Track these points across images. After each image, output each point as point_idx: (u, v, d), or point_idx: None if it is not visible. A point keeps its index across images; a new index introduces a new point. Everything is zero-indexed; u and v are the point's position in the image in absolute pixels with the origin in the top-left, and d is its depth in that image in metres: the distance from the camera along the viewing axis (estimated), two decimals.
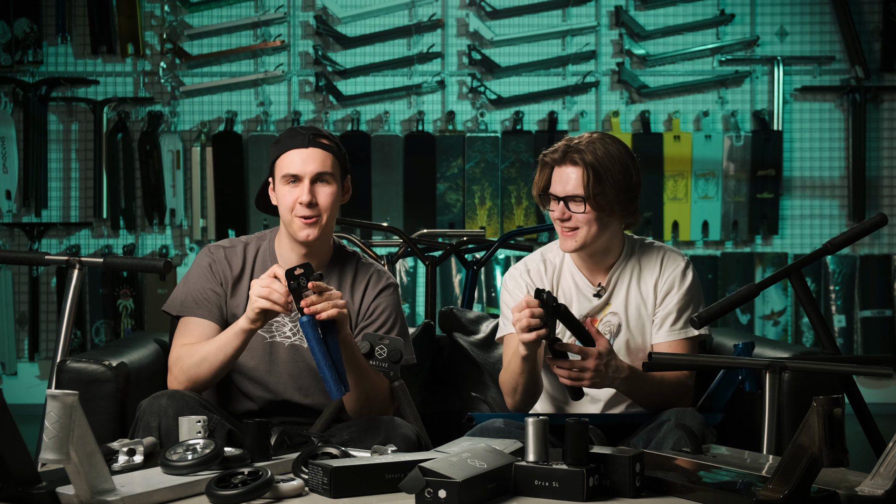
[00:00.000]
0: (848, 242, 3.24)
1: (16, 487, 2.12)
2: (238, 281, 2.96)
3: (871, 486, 2.10)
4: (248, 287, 2.88)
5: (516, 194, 6.68)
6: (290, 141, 2.89)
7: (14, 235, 6.79)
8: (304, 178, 2.86)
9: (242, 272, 2.97)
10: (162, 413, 2.67)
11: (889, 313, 6.72)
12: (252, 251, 3.00)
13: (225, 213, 6.67)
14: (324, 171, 2.87)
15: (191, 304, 2.93)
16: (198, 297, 2.93)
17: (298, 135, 2.89)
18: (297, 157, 2.87)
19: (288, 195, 2.87)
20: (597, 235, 2.92)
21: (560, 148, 2.92)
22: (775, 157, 6.73)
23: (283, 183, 2.88)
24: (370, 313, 2.98)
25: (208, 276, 2.95)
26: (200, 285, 2.94)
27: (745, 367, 2.93)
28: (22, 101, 6.72)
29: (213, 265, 2.96)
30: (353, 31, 6.82)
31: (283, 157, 2.89)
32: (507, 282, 3.07)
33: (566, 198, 2.90)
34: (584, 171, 2.87)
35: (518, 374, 2.87)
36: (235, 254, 2.99)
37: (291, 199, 2.86)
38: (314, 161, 2.87)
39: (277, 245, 2.99)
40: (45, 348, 6.73)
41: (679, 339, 2.97)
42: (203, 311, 2.92)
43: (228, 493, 2.19)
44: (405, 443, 2.70)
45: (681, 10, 6.83)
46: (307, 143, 2.87)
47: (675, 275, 3.00)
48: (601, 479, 2.22)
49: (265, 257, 2.99)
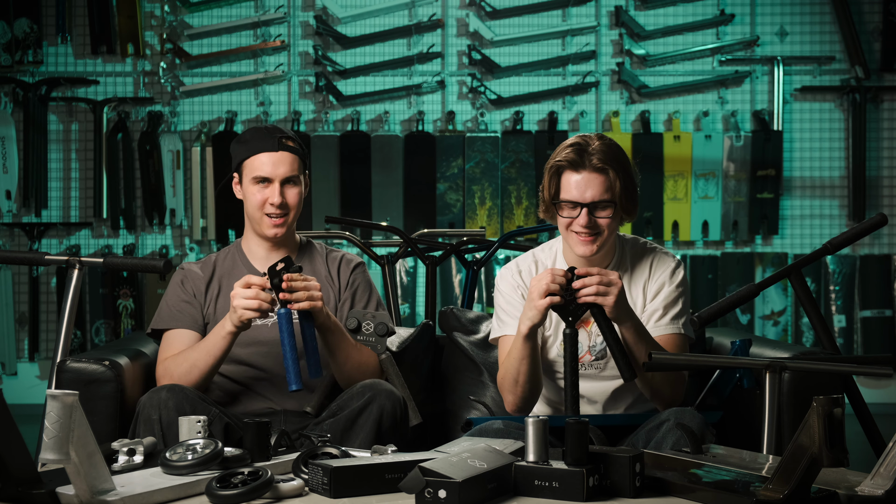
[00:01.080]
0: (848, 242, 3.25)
1: (16, 487, 2.12)
2: (208, 285, 3.12)
3: (871, 486, 2.10)
4: (219, 288, 3.10)
5: (516, 194, 6.68)
6: (259, 143, 3.06)
7: (14, 235, 6.79)
8: (275, 180, 3.05)
9: (212, 277, 3.14)
10: (162, 406, 2.73)
11: (889, 313, 6.73)
12: (222, 257, 3.18)
13: (225, 213, 6.67)
14: (292, 173, 3.06)
15: (167, 318, 3.08)
16: (174, 311, 3.08)
17: (266, 137, 3.06)
18: (268, 161, 3.04)
19: (258, 195, 3.05)
20: (611, 236, 2.92)
21: (571, 152, 2.87)
22: (775, 157, 6.73)
23: (253, 183, 3.06)
24: (349, 286, 3.15)
25: (180, 291, 3.12)
26: (175, 300, 3.10)
27: (745, 367, 2.93)
28: (22, 101, 6.72)
29: (185, 281, 3.13)
30: (353, 31, 6.82)
31: (254, 159, 3.06)
32: (499, 282, 3.06)
33: (592, 204, 2.86)
34: (613, 175, 2.85)
35: (520, 360, 2.86)
36: (206, 264, 3.17)
37: (261, 199, 3.05)
38: (283, 164, 3.05)
39: (245, 245, 3.16)
40: (45, 348, 6.74)
41: (665, 335, 2.95)
42: (181, 322, 3.07)
43: (228, 493, 2.20)
44: (390, 400, 2.84)
45: (681, 10, 6.83)
46: (277, 147, 3.05)
47: (664, 275, 2.99)
48: (601, 479, 2.22)
49: (234, 258, 3.15)
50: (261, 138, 3.06)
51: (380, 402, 2.82)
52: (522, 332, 2.83)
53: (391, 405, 2.83)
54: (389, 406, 2.83)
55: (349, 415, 2.82)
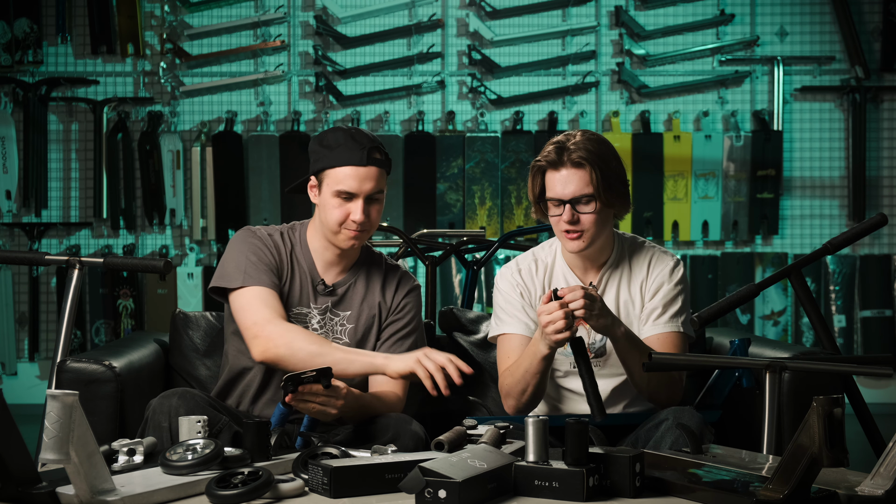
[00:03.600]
0: (848, 242, 3.25)
1: (16, 487, 2.12)
2: (280, 267, 2.96)
3: (871, 486, 2.10)
4: (287, 278, 2.92)
5: (516, 194, 6.68)
6: (347, 154, 2.85)
7: (14, 235, 6.79)
8: (360, 196, 2.85)
9: (283, 259, 2.97)
10: (173, 412, 2.67)
11: (889, 313, 6.73)
12: (288, 240, 3.00)
13: (225, 213, 6.67)
14: (378, 189, 2.87)
15: (253, 272, 2.89)
16: (260, 266, 2.89)
17: (355, 147, 2.85)
18: (354, 175, 2.84)
19: (339, 209, 2.87)
20: (600, 232, 2.92)
21: (551, 152, 2.89)
22: (775, 157, 6.73)
23: (334, 195, 2.87)
24: (398, 310, 3.02)
25: (262, 248, 2.93)
26: (258, 257, 2.91)
27: (745, 367, 2.93)
28: (22, 101, 6.72)
29: (266, 242, 2.95)
30: (353, 31, 6.82)
31: (339, 170, 2.85)
32: (499, 282, 3.06)
33: (573, 200, 2.88)
34: (591, 170, 2.86)
35: (534, 374, 2.85)
36: (277, 240, 2.99)
37: (342, 214, 2.87)
38: (370, 180, 2.85)
39: (310, 238, 3.00)
40: (45, 348, 6.73)
41: (664, 333, 2.95)
42: (269, 278, 2.89)
43: (228, 493, 2.19)
44: (414, 440, 2.73)
45: (681, 10, 6.83)
46: (366, 161, 2.84)
47: (663, 274, 2.99)
48: (601, 479, 2.22)
49: (299, 250, 3.00)
50: (349, 148, 2.85)
51: (403, 443, 2.68)
52: (543, 353, 2.80)
53: (413, 446, 2.71)
54: (412, 447, 2.70)
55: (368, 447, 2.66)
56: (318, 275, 2.99)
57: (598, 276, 3.01)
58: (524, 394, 2.90)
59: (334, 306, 2.99)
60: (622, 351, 2.85)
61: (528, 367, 2.85)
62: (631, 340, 2.85)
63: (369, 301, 3.01)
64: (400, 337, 3.01)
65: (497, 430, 2.45)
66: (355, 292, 3.01)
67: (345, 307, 2.99)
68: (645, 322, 2.97)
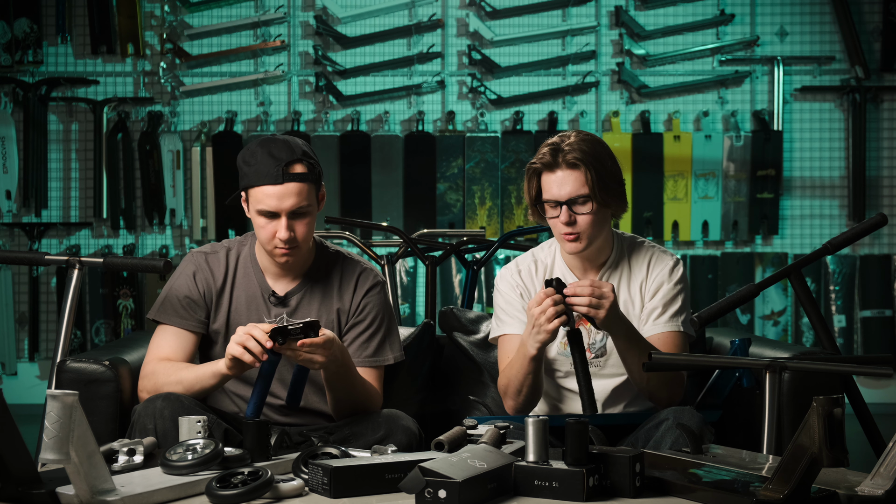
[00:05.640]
0: (848, 242, 3.25)
1: (16, 487, 2.12)
2: (221, 291, 2.95)
3: (871, 486, 2.10)
4: (231, 299, 2.92)
5: (516, 194, 6.68)
6: (265, 172, 2.79)
7: (14, 235, 6.79)
8: (282, 214, 2.80)
9: (225, 280, 2.95)
10: (158, 415, 2.66)
11: (889, 313, 6.72)
12: (234, 258, 2.98)
13: (225, 213, 6.67)
14: (301, 204, 2.80)
15: (169, 310, 2.92)
16: (176, 304, 2.91)
17: (271, 164, 2.78)
18: (273, 194, 2.78)
19: (264, 229, 2.82)
20: (598, 232, 2.92)
21: (546, 153, 2.90)
22: (775, 157, 6.73)
23: (258, 214, 2.82)
24: (358, 312, 2.97)
25: (191, 285, 2.93)
26: (182, 293, 2.92)
27: (745, 367, 2.93)
28: (22, 101, 6.72)
29: (197, 273, 2.95)
30: (353, 31, 6.82)
31: (257, 190, 2.81)
32: (499, 283, 3.07)
33: (569, 201, 2.88)
34: (586, 170, 2.87)
35: (525, 374, 2.87)
36: (218, 260, 2.97)
37: (269, 233, 2.82)
38: (290, 197, 2.78)
39: (257, 251, 2.98)
40: (45, 348, 6.73)
41: (664, 333, 2.95)
42: (181, 320, 2.90)
43: (228, 493, 2.19)
44: (407, 435, 2.73)
45: (681, 10, 6.83)
46: (282, 179, 2.77)
47: (662, 273, 2.99)
48: (601, 479, 2.22)
49: (246, 265, 2.97)
50: (266, 165, 2.78)
51: (396, 439, 2.68)
52: (531, 353, 2.82)
53: (407, 441, 2.71)
54: (405, 442, 2.70)
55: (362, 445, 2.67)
56: (268, 286, 2.94)
57: (597, 276, 3.01)
58: (520, 394, 2.92)
59: (290, 317, 2.93)
60: (623, 349, 2.86)
61: (520, 368, 2.88)
62: (633, 338, 2.85)
63: (326, 307, 2.95)
64: (364, 339, 2.95)
65: (497, 430, 2.45)
66: (311, 300, 2.95)
67: (301, 316, 2.92)
68: (645, 322, 2.97)
